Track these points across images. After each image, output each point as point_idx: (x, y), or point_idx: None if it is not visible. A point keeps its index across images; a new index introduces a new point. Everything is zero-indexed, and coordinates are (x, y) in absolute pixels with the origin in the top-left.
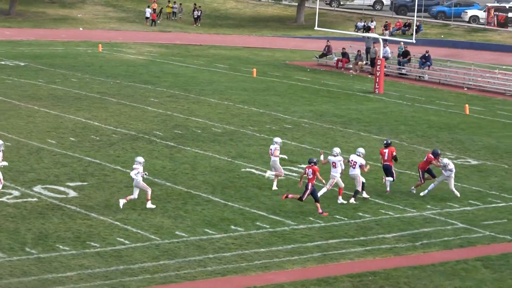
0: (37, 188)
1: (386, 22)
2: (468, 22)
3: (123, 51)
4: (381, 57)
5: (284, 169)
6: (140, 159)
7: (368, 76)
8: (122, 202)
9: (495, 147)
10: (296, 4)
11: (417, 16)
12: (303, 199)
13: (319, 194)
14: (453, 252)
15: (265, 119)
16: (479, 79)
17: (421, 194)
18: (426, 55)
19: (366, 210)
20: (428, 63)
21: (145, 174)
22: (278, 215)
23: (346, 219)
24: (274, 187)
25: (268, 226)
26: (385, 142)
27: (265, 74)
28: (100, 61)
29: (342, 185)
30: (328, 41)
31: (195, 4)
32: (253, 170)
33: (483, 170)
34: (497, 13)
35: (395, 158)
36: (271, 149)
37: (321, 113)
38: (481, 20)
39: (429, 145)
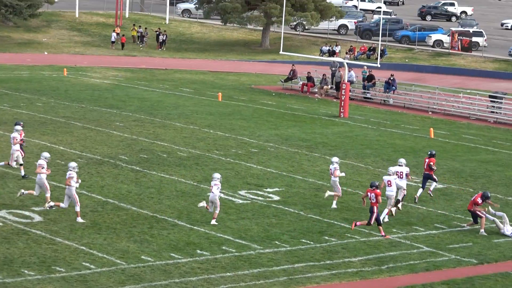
0: (2, 213)
1: (351, 46)
2: (432, 46)
3: (88, 75)
4: (346, 81)
5: (249, 193)
6: (218, 175)
7: (333, 100)
8: (201, 203)
9: (460, 170)
10: (261, 28)
11: (381, 41)
12: (371, 223)
13: (381, 217)
14: (419, 276)
15: (231, 143)
16: (443, 103)
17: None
18: (391, 78)
19: (332, 234)
20: (393, 87)
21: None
22: (244, 239)
23: (312, 243)
24: (334, 206)
25: (234, 250)
26: (429, 152)
27: (230, 98)
28: (65, 85)
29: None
30: (293, 65)
31: (159, 29)
32: (220, 194)
33: (448, 193)
34: (461, 37)
35: (430, 168)
36: (331, 169)
37: (287, 137)
38: (445, 45)
39: None
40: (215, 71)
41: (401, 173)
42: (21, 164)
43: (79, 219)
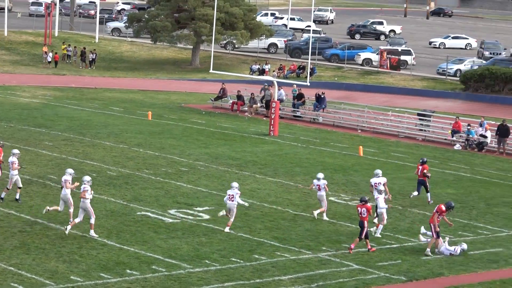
0: None
1: (281, 64)
2: (361, 64)
3: (17, 94)
4: (276, 99)
5: (179, 212)
6: (236, 184)
7: (263, 118)
8: (221, 213)
9: (389, 188)
10: (191, 47)
11: (311, 59)
12: (362, 238)
13: (377, 234)
14: None
15: (161, 162)
16: (372, 121)
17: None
18: (322, 96)
19: (261, 253)
20: (323, 105)
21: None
22: (174, 259)
23: (242, 261)
24: (316, 214)
25: (164, 270)
26: (421, 160)
27: (160, 117)
28: None
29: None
30: (223, 83)
31: (84, 48)
32: (149, 214)
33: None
34: (389, 56)
35: (424, 175)
36: (319, 185)
37: (217, 155)
38: (374, 63)
39: None
40: (145, 90)
41: (379, 183)
42: (19, 187)
43: (92, 232)
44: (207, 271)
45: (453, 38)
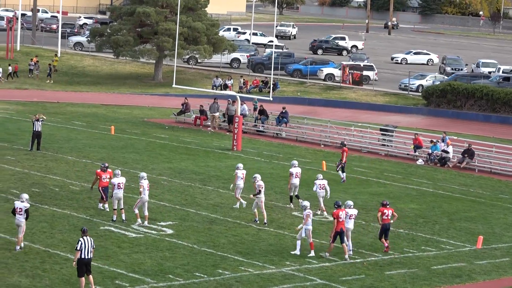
0: None
1: (244, 79)
2: (324, 80)
3: None
4: (238, 114)
5: (143, 227)
6: (320, 175)
7: (226, 133)
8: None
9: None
10: (154, 61)
11: (273, 74)
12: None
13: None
14: None
15: (124, 176)
16: (335, 136)
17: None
18: (283, 111)
19: (225, 267)
20: (285, 120)
21: None
22: (137, 273)
23: (205, 276)
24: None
25: (127, 285)
26: (342, 144)
27: (123, 132)
28: None
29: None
30: (185, 98)
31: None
32: (112, 228)
33: None
34: (352, 71)
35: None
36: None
37: (180, 170)
38: (336, 78)
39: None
40: (108, 104)
41: (297, 173)
42: (121, 208)
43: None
44: (170, 286)
45: (415, 53)
